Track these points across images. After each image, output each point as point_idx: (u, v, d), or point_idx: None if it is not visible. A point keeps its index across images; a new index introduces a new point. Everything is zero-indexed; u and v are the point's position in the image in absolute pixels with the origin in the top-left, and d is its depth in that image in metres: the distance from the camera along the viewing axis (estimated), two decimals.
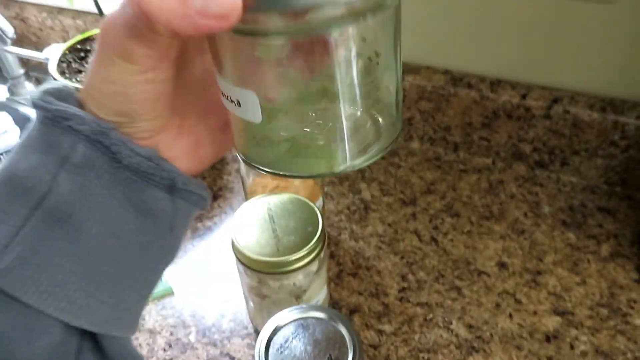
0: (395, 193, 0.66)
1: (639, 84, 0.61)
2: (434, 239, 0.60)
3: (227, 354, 0.50)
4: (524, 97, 0.64)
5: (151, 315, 0.54)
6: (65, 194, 0.22)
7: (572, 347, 0.50)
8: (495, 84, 0.66)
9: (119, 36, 0.20)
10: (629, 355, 0.49)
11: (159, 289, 0.55)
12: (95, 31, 0.65)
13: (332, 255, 0.59)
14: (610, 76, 0.62)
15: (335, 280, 0.56)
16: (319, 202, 0.54)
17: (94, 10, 0.63)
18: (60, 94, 0.23)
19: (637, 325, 0.51)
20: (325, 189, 0.67)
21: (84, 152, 0.22)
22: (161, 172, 0.24)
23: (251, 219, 0.45)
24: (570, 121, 0.63)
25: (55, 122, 0.22)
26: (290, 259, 0.41)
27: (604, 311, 0.53)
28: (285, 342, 0.38)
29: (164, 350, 0.51)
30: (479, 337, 0.51)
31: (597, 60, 0.61)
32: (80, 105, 0.23)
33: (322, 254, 0.44)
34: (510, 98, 0.65)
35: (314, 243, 0.42)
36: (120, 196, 0.23)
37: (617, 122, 0.61)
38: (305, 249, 0.41)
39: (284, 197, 0.46)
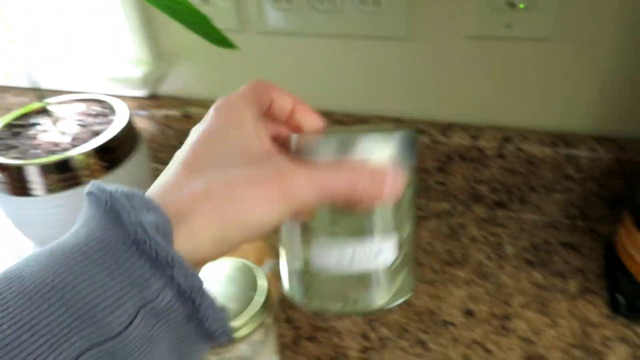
0: None
1: (586, 116, 0.61)
2: None
3: None
4: (475, 138, 0.64)
5: None
6: (134, 340, 0.20)
7: None
8: (446, 127, 0.65)
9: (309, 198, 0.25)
10: None
11: None
12: (34, 106, 0.63)
13: (288, 320, 0.55)
14: (557, 111, 0.62)
15: (291, 347, 0.52)
16: (267, 265, 0.51)
17: (40, 86, 0.61)
18: (159, 225, 0.22)
19: None
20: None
21: (169, 300, 0.21)
22: (227, 335, 0.24)
23: None
24: (524, 158, 0.62)
25: (153, 262, 0.21)
26: None
27: (578, 353, 0.50)
28: None
29: None
30: None
31: (543, 97, 0.61)
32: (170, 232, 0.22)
33: (268, 320, 0.40)
34: (462, 140, 0.64)
35: (256, 309, 0.39)
36: (175, 345, 0.22)
37: (570, 156, 0.60)
38: (244, 315, 0.38)
39: (225, 261, 0.43)
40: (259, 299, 0.40)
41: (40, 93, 0.62)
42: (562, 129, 0.62)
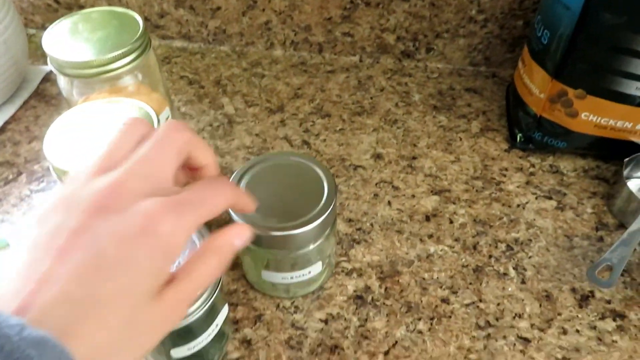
0: (261, 103, 0.61)
1: None
2: (305, 142, 0.56)
3: None
4: None
5: None
6: None
7: (451, 221, 0.49)
8: None
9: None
10: (504, 219, 0.49)
11: None
12: None
13: None
14: None
15: None
16: (165, 114, 0.47)
17: None
18: None
19: (510, 190, 0.51)
20: (183, 108, 0.60)
21: None
22: None
23: (70, 134, 0.37)
24: (428, 1, 0.60)
25: None
26: None
27: (479, 183, 0.52)
28: None
29: None
30: (359, 229, 0.48)
31: None
32: None
33: None
34: None
35: None
36: None
37: None
38: None
39: (122, 103, 0.39)
40: None
41: None
42: None
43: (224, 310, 0.36)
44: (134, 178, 0.23)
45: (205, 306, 0.32)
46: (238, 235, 0.26)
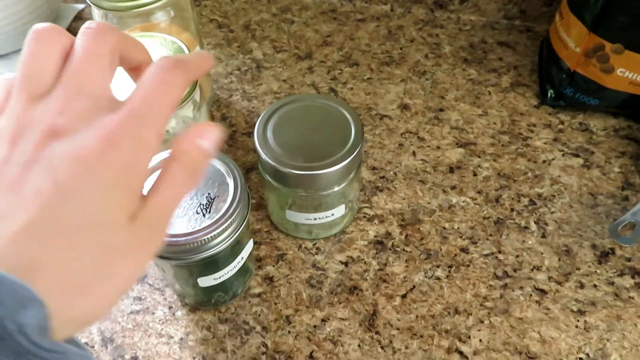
0: (290, 49, 0.61)
1: None
2: (332, 90, 0.56)
3: None
4: None
5: None
6: None
7: (475, 174, 0.49)
8: None
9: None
10: (529, 174, 0.49)
11: None
12: None
13: (224, 118, 0.54)
14: None
15: (228, 142, 0.51)
16: (196, 51, 0.47)
17: None
18: (42, 322, 0.17)
19: (536, 146, 0.51)
20: (212, 51, 0.60)
21: None
22: None
23: None
24: None
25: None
26: None
27: (505, 137, 0.52)
28: None
29: None
30: (382, 177, 0.48)
31: None
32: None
33: (195, 96, 0.38)
34: None
35: None
36: None
37: None
38: None
39: (146, 37, 0.40)
40: None
41: None
42: None
43: (249, 245, 0.37)
44: (75, 98, 0.21)
45: (231, 238, 0.33)
46: (200, 135, 0.23)
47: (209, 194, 0.33)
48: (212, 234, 0.31)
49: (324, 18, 0.65)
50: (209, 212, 0.32)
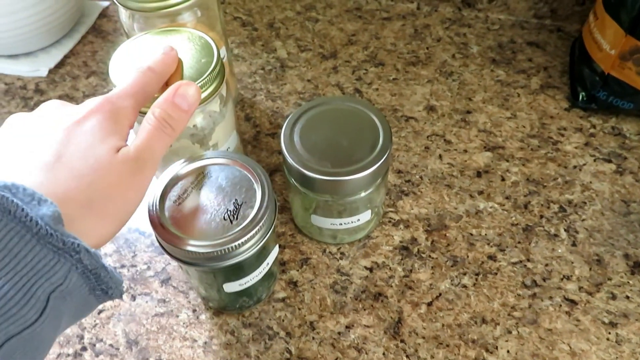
0: (314, 48, 0.60)
1: None
2: (357, 90, 0.56)
3: (136, 230, 0.45)
4: None
5: None
6: (47, 322, 0.22)
7: (503, 179, 0.48)
8: None
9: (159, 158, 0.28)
10: (559, 179, 0.47)
11: None
12: None
13: (248, 118, 0.53)
14: None
15: (252, 143, 0.51)
16: (221, 51, 0.47)
17: None
18: (55, 215, 0.22)
19: (567, 151, 0.49)
20: (236, 50, 0.60)
21: (75, 281, 0.23)
22: (121, 293, 0.26)
23: (132, 59, 0.37)
24: None
25: (57, 250, 0.22)
26: None
27: (535, 141, 0.50)
28: (184, 193, 0.33)
29: None
30: (408, 181, 0.48)
31: None
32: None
33: (222, 91, 0.38)
34: None
35: (209, 75, 0.36)
36: (77, 311, 0.24)
37: None
38: (199, 80, 0.35)
39: (174, 32, 0.39)
40: (214, 65, 0.36)
41: None
42: None
43: (275, 251, 0.37)
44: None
45: (258, 245, 0.33)
46: (177, 94, 0.30)
47: (236, 199, 0.33)
48: (239, 242, 0.31)
49: (349, 16, 0.64)
50: (236, 219, 0.32)
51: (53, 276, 0.22)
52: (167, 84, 0.33)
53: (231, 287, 0.35)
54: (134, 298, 0.41)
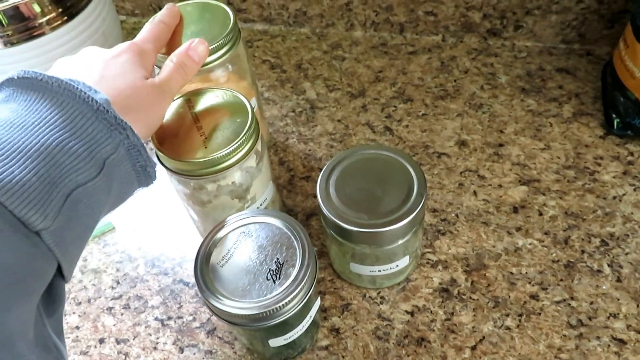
0: (342, 87, 0.61)
1: None
2: (387, 128, 0.56)
3: (180, 281, 0.47)
4: None
5: (93, 254, 0.49)
6: (103, 182, 0.28)
7: (540, 213, 0.47)
8: None
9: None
10: (599, 212, 0.47)
11: (98, 226, 0.50)
12: None
13: (281, 162, 0.54)
14: None
15: (287, 187, 0.52)
16: (252, 102, 0.48)
17: None
18: (108, 101, 0.29)
19: (605, 181, 0.49)
20: (266, 94, 0.62)
21: (123, 154, 0.29)
22: (155, 177, 0.33)
23: (172, 122, 0.39)
24: None
25: (110, 126, 0.28)
26: (222, 154, 0.36)
27: (571, 172, 0.50)
28: (227, 253, 0.34)
29: (112, 288, 0.47)
30: (444, 220, 0.48)
31: None
32: None
33: (258, 146, 0.39)
34: None
35: (246, 133, 0.37)
36: (120, 188, 0.30)
37: None
38: (236, 140, 0.36)
39: (206, 92, 0.41)
40: (249, 124, 0.37)
41: None
42: None
43: (317, 303, 0.38)
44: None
45: (302, 301, 0.33)
46: (190, 48, 0.37)
47: (277, 259, 0.33)
48: (284, 302, 0.31)
49: (375, 52, 0.65)
50: (279, 278, 0.33)
51: (107, 146, 0.28)
52: (172, 39, 0.42)
53: (276, 342, 0.36)
54: (181, 350, 0.42)
